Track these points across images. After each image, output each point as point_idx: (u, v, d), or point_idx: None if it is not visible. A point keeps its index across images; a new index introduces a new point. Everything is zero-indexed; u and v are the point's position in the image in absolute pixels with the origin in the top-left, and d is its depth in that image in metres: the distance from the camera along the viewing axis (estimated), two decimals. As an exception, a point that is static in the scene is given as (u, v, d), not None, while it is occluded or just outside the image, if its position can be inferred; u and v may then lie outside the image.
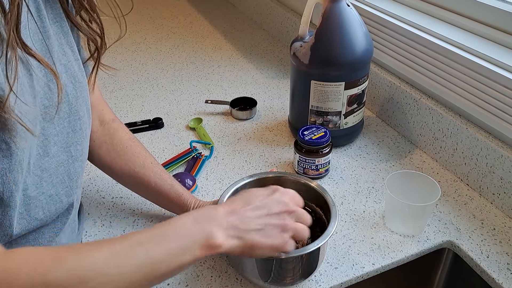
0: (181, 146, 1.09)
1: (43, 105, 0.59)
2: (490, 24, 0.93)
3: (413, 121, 1.06)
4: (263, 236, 0.57)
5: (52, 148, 0.61)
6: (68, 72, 0.64)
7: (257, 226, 0.57)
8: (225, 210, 0.56)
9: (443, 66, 0.94)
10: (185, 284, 0.75)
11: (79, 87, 0.66)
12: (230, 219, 0.56)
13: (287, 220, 0.59)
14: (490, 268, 0.77)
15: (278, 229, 0.58)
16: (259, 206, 0.59)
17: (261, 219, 0.57)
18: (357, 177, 0.98)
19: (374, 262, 0.79)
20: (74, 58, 0.67)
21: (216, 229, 0.54)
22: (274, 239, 0.58)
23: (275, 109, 1.23)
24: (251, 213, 0.57)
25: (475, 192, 0.94)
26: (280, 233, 0.58)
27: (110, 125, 0.82)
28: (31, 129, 0.53)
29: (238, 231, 0.55)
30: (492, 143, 0.88)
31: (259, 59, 1.51)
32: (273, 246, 0.58)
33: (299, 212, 0.61)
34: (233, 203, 0.58)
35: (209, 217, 0.55)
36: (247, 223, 0.56)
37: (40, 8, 0.60)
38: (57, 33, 0.63)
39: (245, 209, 0.58)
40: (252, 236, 0.56)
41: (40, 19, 0.60)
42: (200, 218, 0.54)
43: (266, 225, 0.57)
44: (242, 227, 0.56)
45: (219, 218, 0.55)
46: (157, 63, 1.50)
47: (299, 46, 1.01)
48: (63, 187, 0.64)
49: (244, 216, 0.57)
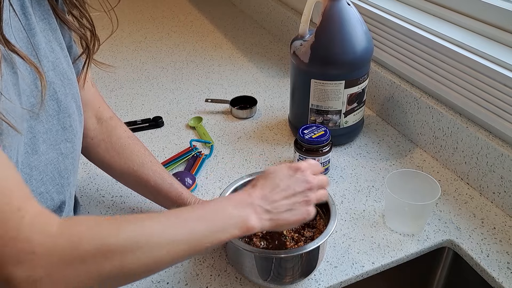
0: (181, 145, 1.09)
1: (30, 103, 0.58)
2: (490, 23, 0.92)
3: (413, 120, 1.06)
4: (291, 215, 0.64)
5: (41, 146, 0.61)
6: (57, 69, 0.64)
7: (286, 207, 0.64)
8: (258, 196, 0.63)
9: (443, 65, 0.94)
10: (185, 283, 0.75)
11: (68, 84, 0.66)
12: (262, 204, 0.62)
13: (310, 195, 0.66)
14: (490, 267, 0.77)
15: (303, 205, 0.65)
16: (285, 188, 0.65)
17: (289, 200, 0.64)
18: (357, 176, 0.98)
19: (374, 261, 0.78)
20: (63, 55, 0.66)
21: (251, 214, 0.61)
22: (299, 215, 0.64)
23: (275, 108, 1.23)
24: (279, 196, 0.64)
25: (475, 191, 0.93)
26: (305, 207, 0.65)
27: (108, 123, 0.82)
28: (16, 127, 0.53)
29: (270, 214, 0.62)
30: (492, 142, 0.87)
31: (259, 58, 1.51)
32: (299, 220, 0.65)
33: (319, 182, 0.67)
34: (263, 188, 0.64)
35: (246, 203, 0.62)
36: (277, 206, 0.63)
37: (25, 6, 0.60)
38: (45, 29, 0.63)
39: (273, 193, 0.64)
40: (281, 216, 0.63)
41: (25, 17, 0.59)
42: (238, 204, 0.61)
43: (293, 204, 0.64)
44: (273, 211, 0.63)
45: (254, 204, 0.62)
46: (158, 62, 1.50)
47: (299, 44, 1.00)
48: (53, 185, 0.64)
49: (273, 200, 0.63)
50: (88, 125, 0.79)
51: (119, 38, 1.64)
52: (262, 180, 0.66)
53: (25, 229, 0.45)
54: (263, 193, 0.63)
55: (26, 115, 0.58)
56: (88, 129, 0.79)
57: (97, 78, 1.38)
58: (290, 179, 0.66)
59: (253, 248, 0.71)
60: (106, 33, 0.72)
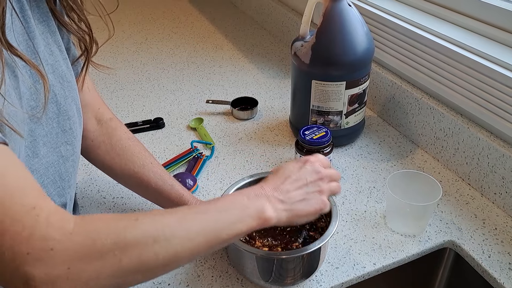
0: (182, 146, 1.09)
1: (30, 106, 0.58)
2: (491, 23, 0.92)
3: (414, 121, 1.06)
4: (306, 205, 0.63)
5: (41, 149, 0.61)
6: (56, 72, 0.64)
7: (299, 197, 0.63)
8: (270, 188, 0.63)
9: (444, 66, 0.94)
10: (186, 284, 0.75)
11: (67, 87, 0.66)
12: (276, 194, 0.62)
13: (322, 185, 0.66)
14: (492, 268, 0.77)
15: (317, 195, 0.65)
16: (296, 179, 0.65)
17: (302, 190, 0.64)
18: (358, 177, 0.98)
19: (375, 262, 0.78)
20: (62, 57, 0.66)
21: (266, 204, 0.60)
22: (315, 205, 0.64)
23: (276, 109, 1.23)
24: (291, 187, 0.64)
25: (476, 191, 0.93)
26: (319, 197, 0.65)
27: (108, 124, 0.82)
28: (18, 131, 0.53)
29: (285, 205, 0.62)
30: (493, 142, 0.87)
31: (260, 59, 1.51)
32: (316, 211, 0.64)
33: (329, 174, 0.68)
34: (275, 181, 0.64)
35: (259, 195, 0.61)
36: (290, 196, 0.63)
37: (24, 9, 0.60)
38: (44, 32, 0.63)
39: (285, 184, 0.64)
40: (296, 207, 0.63)
41: (24, 19, 0.59)
42: (251, 196, 0.61)
43: (306, 194, 0.64)
44: (288, 201, 0.62)
45: (268, 195, 0.62)
46: (158, 63, 1.50)
47: (300, 45, 1.00)
48: (54, 188, 0.64)
49: (287, 190, 0.63)
50: (88, 126, 0.79)
51: (119, 39, 1.64)
52: (273, 175, 0.66)
53: (41, 227, 0.45)
54: (275, 184, 0.63)
55: (27, 118, 0.58)
56: (88, 131, 0.79)
57: (98, 79, 1.39)
58: (300, 170, 0.66)
59: (254, 249, 0.71)
60: (105, 35, 0.73)
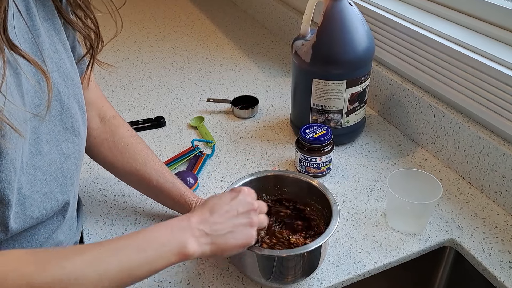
0: (183, 144, 1.09)
1: (34, 104, 0.59)
2: (492, 22, 0.92)
3: (415, 119, 1.06)
4: (232, 238, 0.62)
5: (44, 146, 0.61)
6: (60, 70, 0.64)
7: (226, 229, 0.62)
8: (196, 220, 0.61)
9: (445, 64, 0.94)
10: (187, 282, 0.75)
11: (71, 85, 0.66)
12: (201, 227, 0.61)
13: (253, 217, 0.65)
14: (492, 266, 0.77)
15: (246, 228, 0.64)
16: (227, 210, 0.63)
17: (231, 221, 0.63)
18: (359, 175, 0.98)
19: (376, 260, 0.79)
20: (66, 55, 0.66)
21: (189, 238, 0.59)
22: (242, 238, 0.63)
23: (276, 107, 1.24)
24: (219, 219, 0.62)
25: (477, 190, 0.93)
26: (247, 230, 0.64)
27: (111, 122, 0.82)
28: (19, 129, 0.54)
29: (210, 238, 0.61)
30: (494, 141, 0.87)
31: (261, 57, 1.51)
32: (242, 245, 0.64)
33: (259, 206, 0.67)
34: (203, 212, 0.63)
35: (183, 228, 0.60)
36: (217, 229, 0.61)
37: (29, 6, 0.60)
38: (49, 30, 0.63)
39: (213, 216, 0.62)
40: (221, 240, 0.62)
41: (29, 17, 0.59)
42: (175, 229, 0.59)
43: (235, 226, 0.63)
44: (213, 233, 0.61)
45: (192, 228, 0.60)
46: (159, 61, 1.50)
47: (301, 44, 1.01)
48: (57, 185, 0.65)
49: (214, 222, 0.62)
50: (91, 124, 0.80)
51: (121, 38, 1.64)
52: (203, 205, 0.65)
53: None
54: (203, 216, 0.62)
55: (30, 116, 0.58)
56: (91, 128, 0.80)
57: (99, 78, 1.39)
58: (231, 201, 0.65)
59: (255, 247, 0.71)
60: (108, 33, 0.73)
